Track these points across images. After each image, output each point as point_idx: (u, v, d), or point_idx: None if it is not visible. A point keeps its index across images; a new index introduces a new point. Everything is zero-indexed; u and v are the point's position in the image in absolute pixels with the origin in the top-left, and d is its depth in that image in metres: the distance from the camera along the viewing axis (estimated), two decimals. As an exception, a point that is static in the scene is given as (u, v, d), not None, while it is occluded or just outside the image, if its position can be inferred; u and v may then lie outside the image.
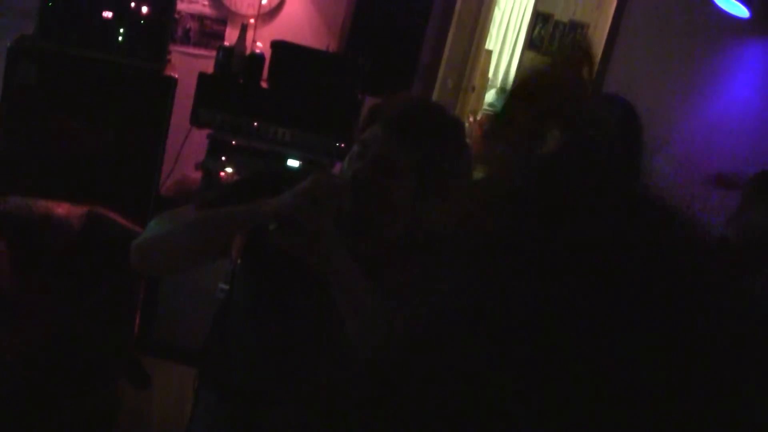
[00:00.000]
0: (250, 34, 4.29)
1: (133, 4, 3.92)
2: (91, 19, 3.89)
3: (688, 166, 3.77)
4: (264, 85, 4.11)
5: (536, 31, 6.93)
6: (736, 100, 3.59)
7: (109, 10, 3.89)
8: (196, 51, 4.62)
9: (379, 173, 1.73)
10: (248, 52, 4.16)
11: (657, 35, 4.20)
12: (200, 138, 4.13)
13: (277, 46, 4.11)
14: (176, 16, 4.34)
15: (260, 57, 4.13)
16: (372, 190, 1.72)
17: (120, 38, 3.92)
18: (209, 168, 3.96)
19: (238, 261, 1.89)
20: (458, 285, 0.64)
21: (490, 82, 10.37)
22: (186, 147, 4.25)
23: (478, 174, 2.22)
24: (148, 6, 3.93)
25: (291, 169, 1.88)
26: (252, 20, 4.51)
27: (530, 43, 7.00)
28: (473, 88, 8.18)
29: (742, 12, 3.33)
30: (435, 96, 5.33)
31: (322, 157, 4.05)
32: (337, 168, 4.07)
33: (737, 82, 3.59)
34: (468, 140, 1.87)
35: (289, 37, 4.35)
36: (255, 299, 1.89)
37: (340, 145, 4.05)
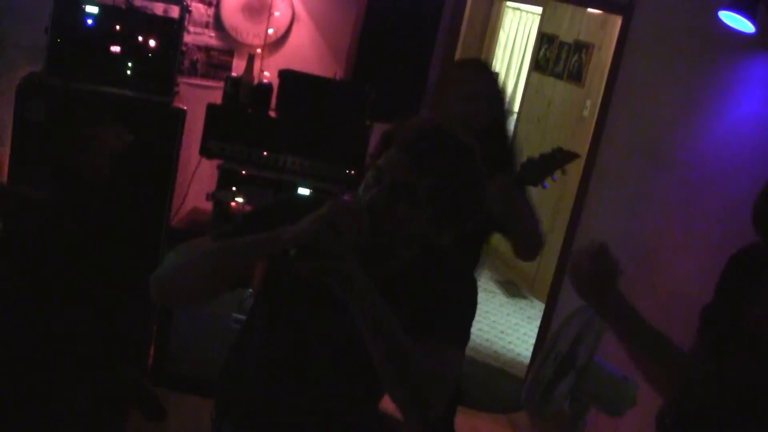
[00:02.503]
0: (257, 64, 4.32)
1: (140, 38, 3.94)
2: (100, 54, 3.91)
3: (696, 183, 3.76)
4: (272, 114, 4.12)
5: (541, 53, 6.94)
6: (743, 116, 3.58)
7: (117, 44, 3.92)
8: (204, 82, 4.64)
9: (395, 199, 1.73)
10: (256, 82, 4.18)
11: (662, 53, 4.20)
12: (210, 169, 4.15)
13: (285, 75, 4.13)
14: (183, 48, 4.36)
15: (268, 86, 4.15)
16: (388, 216, 1.72)
17: (128, 72, 3.94)
18: (220, 198, 3.97)
19: (259, 290, 1.90)
20: None
21: (496, 105, 10.41)
22: (196, 178, 4.27)
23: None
24: (155, 39, 3.95)
25: (305, 197, 1.89)
26: (259, 50, 4.53)
27: (536, 65, 7.02)
28: (480, 111, 8.20)
29: (748, 27, 3.32)
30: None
31: (332, 184, 4.05)
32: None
33: (745, 97, 3.58)
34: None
35: (296, 66, 4.37)
36: (274, 328, 1.89)
37: (349, 172, 4.05)
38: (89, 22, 3.89)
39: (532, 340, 5.30)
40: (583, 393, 2.88)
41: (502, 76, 10.56)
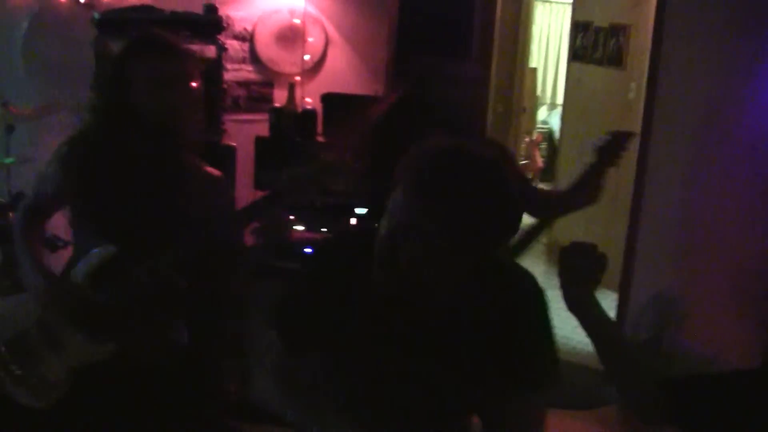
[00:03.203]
0: (298, 92, 4.34)
1: (181, 82, 3.98)
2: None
3: (757, 151, 3.67)
4: (320, 139, 4.13)
5: (578, 41, 6.85)
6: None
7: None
8: (248, 117, 4.67)
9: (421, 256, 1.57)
10: (299, 109, 4.20)
11: (704, 22, 4.10)
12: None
13: (327, 99, 4.15)
14: (224, 86, 4.41)
15: (312, 113, 4.16)
16: (415, 272, 1.59)
17: (174, 117, 3.98)
18: (279, 229, 3.98)
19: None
20: None
21: (539, 100, 10.33)
22: (253, 212, 4.29)
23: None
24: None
25: (361, 229, 1.88)
26: (298, 78, 4.55)
27: (574, 54, 6.93)
28: (524, 109, 8.15)
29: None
30: (489, 123, 5.29)
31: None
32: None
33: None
34: (515, 173, 1.79)
35: (336, 89, 4.39)
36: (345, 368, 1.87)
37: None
38: (130, 73, 3.94)
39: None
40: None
41: (540, 71, 10.50)
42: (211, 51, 4.31)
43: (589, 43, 6.66)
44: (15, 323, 2.33)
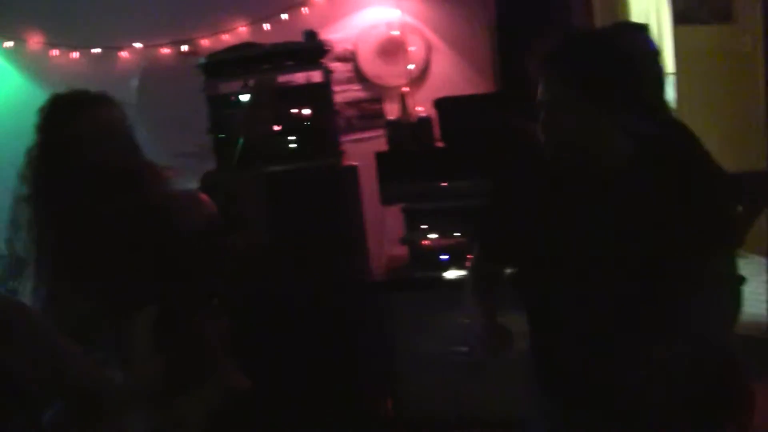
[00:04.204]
0: (409, 102, 4.33)
1: (294, 111, 4.02)
2: (264, 137, 4.01)
3: None
4: (440, 144, 4.11)
5: (680, 3, 6.60)
6: None
7: (276, 123, 3.99)
8: (363, 135, 4.69)
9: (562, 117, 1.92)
10: (414, 119, 4.19)
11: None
12: (395, 214, 4.17)
13: (441, 103, 4.12)
14: (335, 108, 4.43)
15: (427, 120, 4.14)
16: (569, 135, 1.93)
17: (295, 146, 4.01)
18: (413, 240, 3.97)
19: None
20: None
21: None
22: (384, 226, 4.30)
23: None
24: (308, 108, 4.01)
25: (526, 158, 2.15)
26: (406, 88, 4.55)
27: (677, 18, 6.66)
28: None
29: None
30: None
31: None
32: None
33: None
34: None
35: (444, 93, 4.35)
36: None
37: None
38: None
39: (765, 297, 4.96)
40: None
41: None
42: (316, 76, 4.32)
43: (693, 3, 6.43)
44: None
